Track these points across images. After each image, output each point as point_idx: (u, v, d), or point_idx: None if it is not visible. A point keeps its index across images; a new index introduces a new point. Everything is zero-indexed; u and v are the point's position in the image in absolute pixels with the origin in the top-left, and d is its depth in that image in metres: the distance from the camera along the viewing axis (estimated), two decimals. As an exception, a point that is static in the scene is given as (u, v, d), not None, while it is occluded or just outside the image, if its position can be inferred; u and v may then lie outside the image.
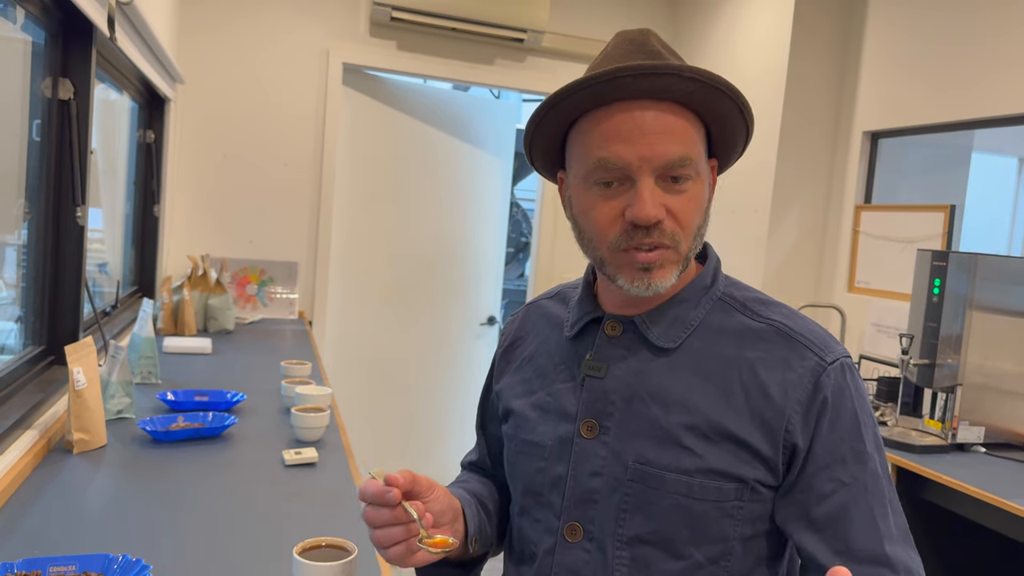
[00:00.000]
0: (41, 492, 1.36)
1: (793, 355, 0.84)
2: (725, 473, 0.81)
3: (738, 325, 0.87)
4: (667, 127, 0.80)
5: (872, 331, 2.88)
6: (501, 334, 1.07)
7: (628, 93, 0.80)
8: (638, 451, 0.84)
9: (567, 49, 3.69)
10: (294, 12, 3.34)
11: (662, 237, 0.81)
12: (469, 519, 0.92)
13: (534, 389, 0.95)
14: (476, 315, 4.01)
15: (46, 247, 1.88)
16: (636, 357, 0.87)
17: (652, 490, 0.82)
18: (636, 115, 0.80)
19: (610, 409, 0.86)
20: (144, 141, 3.04)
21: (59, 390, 1.76)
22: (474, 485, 1.03)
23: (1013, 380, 2.26)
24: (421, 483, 0.83)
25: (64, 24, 1.84)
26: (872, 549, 0.80)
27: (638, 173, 0.79)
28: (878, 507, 0.81)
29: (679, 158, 0.80)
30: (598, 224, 0.83)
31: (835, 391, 0.82)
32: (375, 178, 3.63)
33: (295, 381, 2.08)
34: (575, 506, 0.87)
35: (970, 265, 2.20)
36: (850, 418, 0.82)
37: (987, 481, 1.94)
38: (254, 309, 3.39)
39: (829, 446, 0.81)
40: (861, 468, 0.81)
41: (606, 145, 0.80)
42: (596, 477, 0.86)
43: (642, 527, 0.83)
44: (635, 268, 0.82)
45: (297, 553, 1.00)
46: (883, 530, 0.80)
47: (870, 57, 3.01)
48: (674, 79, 0.79)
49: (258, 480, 1.51)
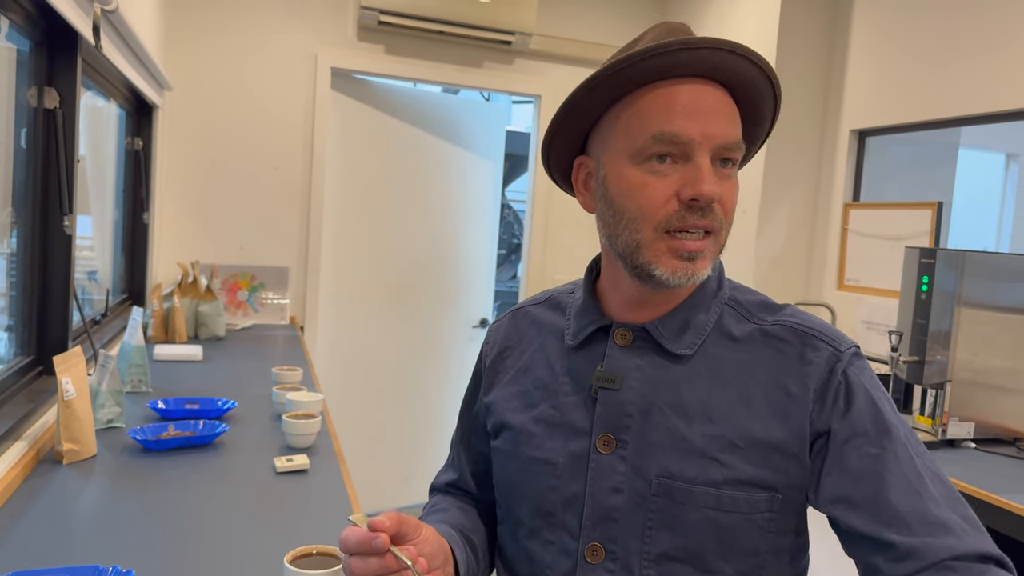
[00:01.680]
0: (30, 503, 1.36)
1: (807, 349, 0.83)
2: (755, 483, 0.79)
3: (749, 328, 0.86)
4: (726, 108, 0.80)
5: (862, 328, 2.89)
6: (485, 342, 1.02)
7: (691, 68, 0.78)
8: (661, 465, 0.81)
9: (555, 51, 3.69)
10: (281, 17, 3.33)
11: (713, 219, 0.79)
12: (459, 559, 0.87)
13: (535, 402, 0.90)
14: (468, 318, 4.01)
15: (34, 257, 1.87)
16: (651, 366, 0.84)
17: (679, 504, 0.80)
18: (700, 91, 0.79)
19: (627, 422, 0.83)
20: (132, 148, 3.03)
21: (48, 400, 1.75)
22: (455, 516, 0.97)
23: (1002, 376, 2.27)
24: (409, 524, 0.76)
25: (49, 33, 1.83)
26: (920, 512, 0.75)
27: (698, 150, 0.77)
28: (912, 473, 0.77)
29: (735, 141, 0.80)
30: (651, 202, 0.79)
31: (849, 375, 0.81)
32: (365, 182, 3.62)
33: (286, 387, 2.07)
34: (595, 525, 0.83)
35: (958, 262, 2.21)
36: (865, 394, 0.80)
37: (977, 477, 1.96)
38: (245, 315, 3.38)
39: (849, 422, 0.79)
40: (888, 438, 0.79)
41: (669, 119, 0.78)
42: (616, 494, 0.82)
43: (669, 543, 0.80)
44: (679, 257, 0.79)
45: (288, 561, 0.99)
46: (924, 494, 0.76)
47: (856, 55, 3.02)
48: (742, 60, 0.78)
49: (249, 488, 1.50)
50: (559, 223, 3.85)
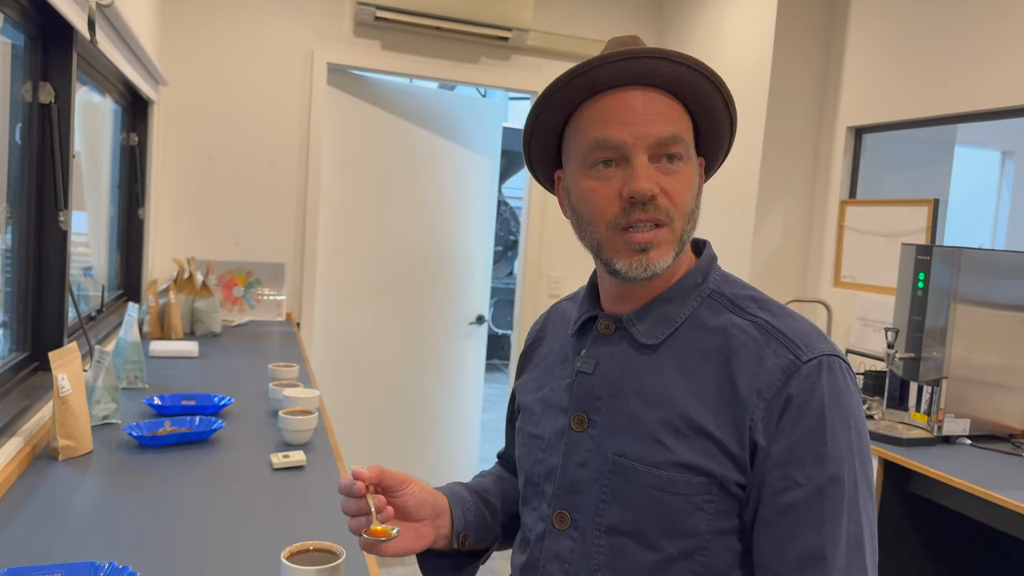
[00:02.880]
0: (26, 500, 1.35)
1: (768, 352, 0.82)
2: (693, 467, 0.82)
3: (723, 322, 0.87)
4: (658, 109, 0.85)
5: (858, 325, 2.90)
6: (527, 336, 1.12)
7: (621, 79, 0.84)
8: (618, 444, 0.87)
9: (552, 47, 3.69)
10: (278, 13, 3.32)
11: (656, 212, 0.84)
12: (456, 516, 0.97)
13: (542, 384, 1.00)
14: (464, 314, 4.01)
15: (29, 252, 1.87)
16: (623, 354, 0.90)
17: (627, 482, 0.85)
18: (629, 97, 0.85)
19: (597, 404, 0.90)
20: (128, 144, 3.02)
21: (44, 396, 1.74)
22: (485, 481, 1.10)
23: (997, 372, 2.28)
24: (393, 478, 0.91)
25: (44, 27, 1.83)
26: (814, 551, 0.77)
27: (633, 151, 0.83)
28: (830, 512, 0.78)
29: (670, 136, 0.84)
30: (597, 205, 0.86)
31: (803, 390, 0.80)
32: (361, 178, 3.62)
33: (283, 384, 2.07)
34: (564, 495, 0.91)
35: (954, 259, 2.22)
36: (815, 418, 0.79)
37: (973, 473, 1.96)
38: (241, 311, 3.37)
39: (788, 445, 0.79)
40: (819, 471, 0.78)
41: (602, 127, 0.85)
42: (582, 468, 0.89)
43: (618, 517, 0.86)
44: (633, 249, 0.84)
45: (284, 558, 0.99)
46: (831, 534, 0.77)
47: (853, 53, 3.02)
48: (664, 62, 0.84)
49: (246, 484, 1.50)
50: (555, 220, 3.85)
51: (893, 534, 2.19)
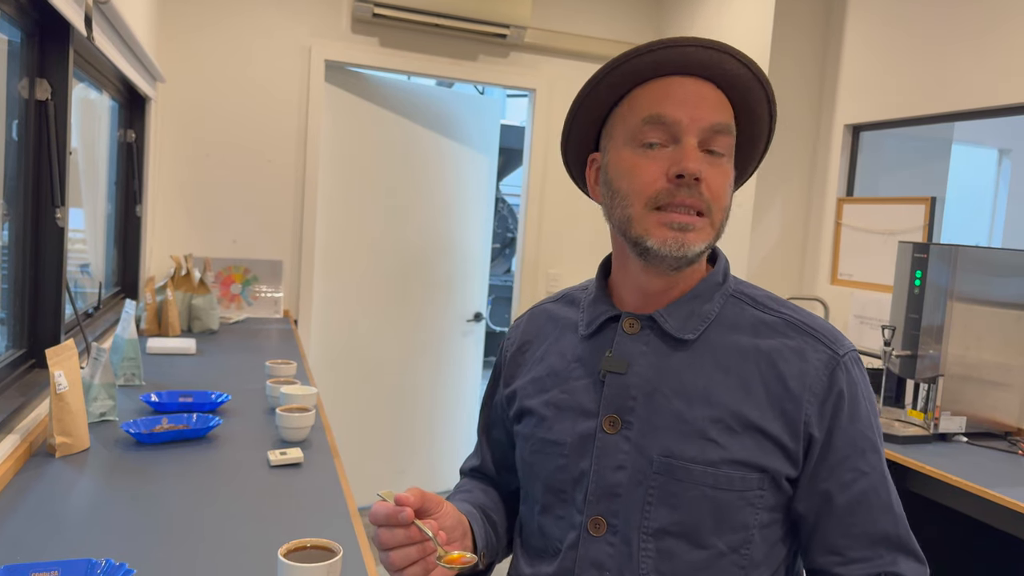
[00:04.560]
0: (23, 497, 1.35)
1: (807, 346, 0.87)
2: (749, 463, 0.84)
3: (751, 318, 0.90)
4: (715, 99, 0.87)
5: (855, 323, 2.90)
6: (506, 339, 1.09)
7: (684, 66, 0.86)
8: (663, 445, 0.86)
9: (550, 44, 3.68)
10: (275, 9, 3.32)
11: (699, 199, 0.84)
12: (477, 533, 0.94)
13: (547, 388, 0.96)
14: (462, 312, 4.01)
15: (25, 249, 1.86)
16: (656, 352, 0.89)
17: (677, 482, 0.84)
18: (688, 83, 0.86)
19: (632, 404, 0.88)
20: (125, 141, 3.01)
21: (41, 393, 1.74)
22: (477, 496, 1.05)
23: (994, 370, 2.28)
24: (431, 500, 0.85)
25: (40, 24, 1.82)
26: (891, 532, 0.86)
27: (686, 132, 0.84)
28: (893, 494, 0.88)
29: (725, 124, 0.86)
30: (640, 180, 0.85)
31: (850, 384, 0.86)
32: (359, 175, 3.61)
33: (280, 381, 2.07)
34: (599, 500, 0.88)
35: (951, 257, 2.22)
36: (864, 410, 0.87)
37: (969, 470, 1.97)
38: (239, 309, 3.37)
39: (849, 438, 0.85)
40: (878, 458, 0.87)
41: (659, 104, 0.85)
42: (620, 471, 0.87)
43: (667, 519, 0.85)
44: (670, 227, 0.84)
45: (282, 555, 0.99)
46: (898, 514, 0.87)
47: (851, 50, 3.02)
48: (727, 58, 0.85)
49: (243, 481, 1.50)
50: (553, 217, 3.85)
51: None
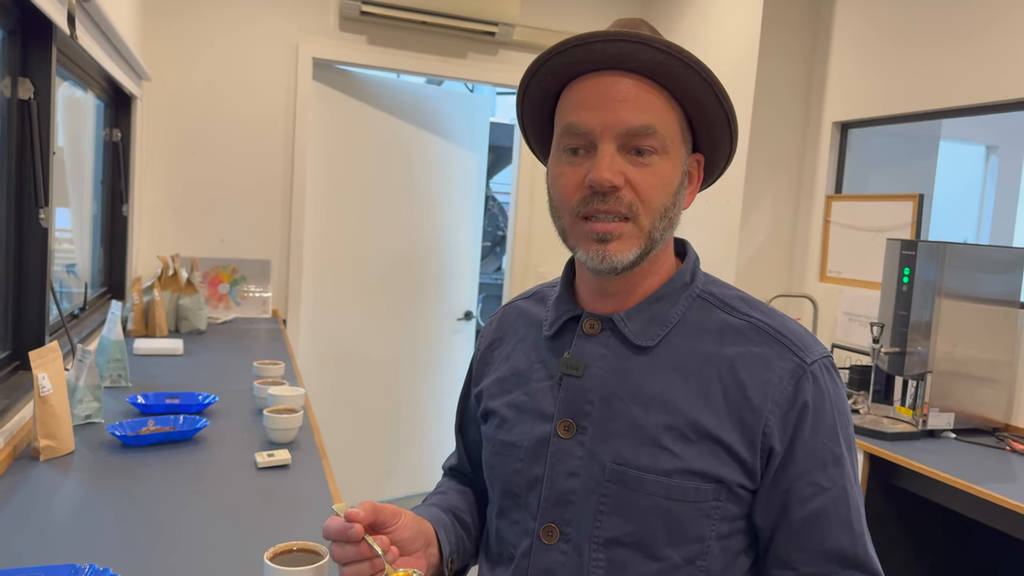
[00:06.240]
0: (6, 501, 1.34)
1: (773, 354, 0.83)
2: (704, 473, 0.80)
3: (718, 322, 0.86)
4: (634, 97, 0.81)
5: (844, 320, 2.91)
6: (479, 336, 1.05)
7: (598, 61, 0.81)
8: (616, 452, 0.82)
9: (539, 42, 3.68)
10: (262, 7, 3.29)
11: (618, 205, 0.80)
12: (444, 540, 0.91)
13: (510, 389, 0.93)
14: (453, 310, 4.00)
15: (9, 250, 1.84)
16: (615, 355, 0.86)
17: (630, 491, 0.81)
18: (605, 82, 0.81)
19: (587, 408, 0.85)
20: (111, 140, 2.99)
21: (25, 396, 1.72)
22: (451, 498, 1.02)
23: (982, 366, 2.29)
24: (385, 513, 0.81)
25: (22, 22, 1.80)
26: (848, 550, 0.82)
27: (600, 139, 0.80)
28: (853, 510, 0.83)
29: (641, 126, 0.80)
30: (564, 191, 0.84)
31: (815, 394, 0.82)
32: (348, 174, 3.60)
33: (268, 382, 2.06)
34: (551, 507, 0.85)
35: (938, 254, 2.23)
36: (829, 422, 0.82)
37: (957, 467, 1.97)
38: (226, 309, 3.35)
39: (809, 450, 0.81)
40: (840, 472, 0.82)
41: (574, 111, 0.82)
42: (573, 478, 0.84)
43: (619, 529, 0.82)
44: (591, 239, 0.82)
45: (268, 558, 0.98)
46: (857, 531, 0.83)
47: (839, 48, 3.03)
48: (640, 47, 0.79)
49: (230, 483, 1.49)
50: (543, 215, 3.84)
51: (878, 527, 2.20)
